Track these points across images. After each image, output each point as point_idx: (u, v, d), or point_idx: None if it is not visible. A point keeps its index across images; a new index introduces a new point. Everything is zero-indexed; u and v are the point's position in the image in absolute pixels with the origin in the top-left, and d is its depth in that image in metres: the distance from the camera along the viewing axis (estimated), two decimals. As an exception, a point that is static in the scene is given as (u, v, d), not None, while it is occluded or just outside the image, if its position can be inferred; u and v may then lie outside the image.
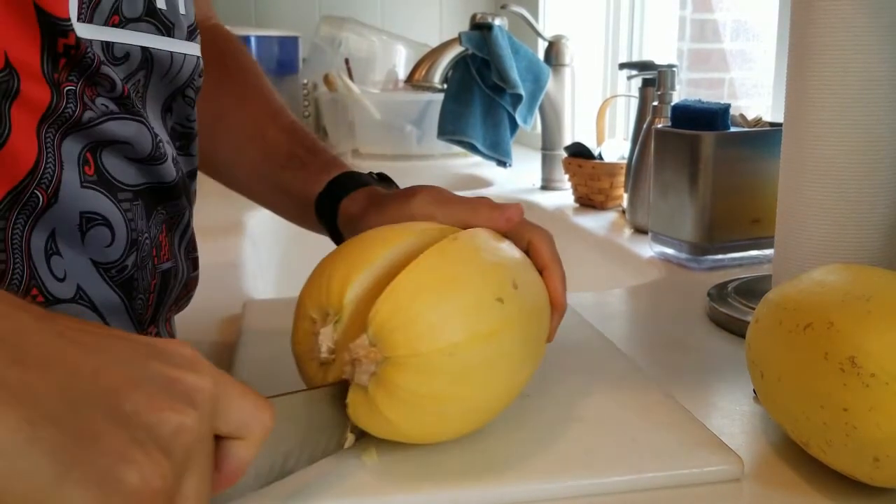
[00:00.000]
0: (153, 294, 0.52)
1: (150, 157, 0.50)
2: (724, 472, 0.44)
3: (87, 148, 0.46)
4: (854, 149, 0.59)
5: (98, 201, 0.47)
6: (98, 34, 0.45)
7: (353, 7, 1.99)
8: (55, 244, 0.45)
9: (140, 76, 0.50)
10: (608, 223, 1.13)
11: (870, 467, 0.40)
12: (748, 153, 0.86)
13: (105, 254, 0.47)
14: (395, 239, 0.47)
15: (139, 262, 0.50)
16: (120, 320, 0.49)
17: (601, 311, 0.75)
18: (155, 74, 0.51)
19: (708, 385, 0.59)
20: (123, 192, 0.48)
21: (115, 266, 0.48)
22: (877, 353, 0.39)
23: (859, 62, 0.58)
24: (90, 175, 0.46)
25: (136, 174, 0.49)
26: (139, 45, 0.49)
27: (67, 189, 0.45)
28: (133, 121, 0.48)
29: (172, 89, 0.53)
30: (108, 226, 0.47)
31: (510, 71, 1.25)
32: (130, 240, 0.49)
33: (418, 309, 0.41)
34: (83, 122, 0.45)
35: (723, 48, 1.52)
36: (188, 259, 0.58)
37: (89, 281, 0.47)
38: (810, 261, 0.61)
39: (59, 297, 0.45)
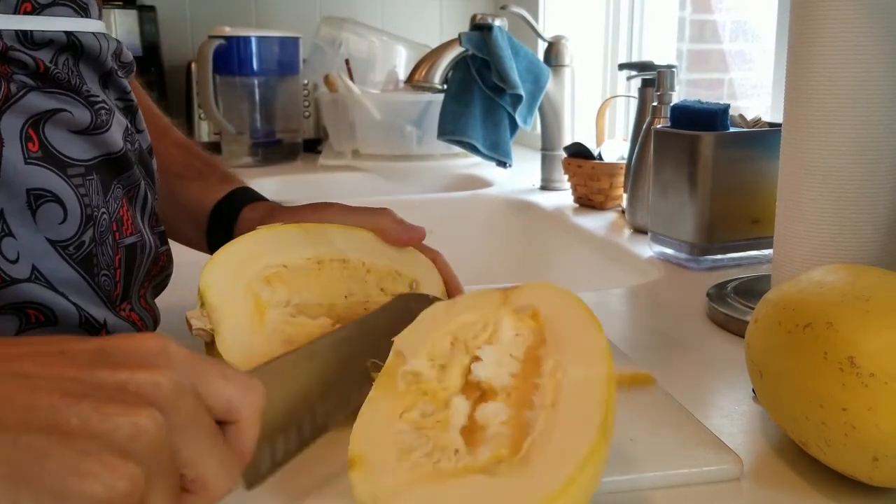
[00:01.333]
0: (119, 270, 0.53)
1: (92, 126, 0.50)
2: (723, 472, 0.44)
3: (29, 124, 0.47)
4: (854, 149, 0.59)
5: (46, 177, 0.47)
6: (8, 24, 0.47)
7: (354, 8, 1.99)
8: (7, 225, 0.46)
9: (67, 56, 0.51)
10: (608, 223, 1.13)
11: (869, 467, 0.40)
12: (747, 153, 0.86)
13: (59, 231, 0.48)
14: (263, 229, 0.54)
15: (98, 237, 0.50)
16: (84, 297, 0.50)
17: (600, 311, 0.75)
18: (85, 56, 0.52)
19: (707, 385, 0.59)
20: (73, 168, 0.49)
21: (71, 243, 0.49)
22: (876, 353, 0.39)
23: (858, 62, 0.58)
24: (34, 151, 0.47)
25: (84, 147, 0.50)
26: (61, 30, 0.50)
27: (10, 167, 0.46)
28: (57, 94, 0.49)
29: (104, 70, 0.54)
30: (58, 202, 0.48)
31: (510, 71, 1.25)
32: (85, 215, 0.49)
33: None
34: (11, 95, 0.46)
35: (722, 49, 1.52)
36: (154, 233, 0.58)
37: (46, 259, 0.47)
38: (809, 261, 0.61)
39: (16, 277, 0.46)
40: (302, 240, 0.55)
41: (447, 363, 0.41)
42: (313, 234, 0.56)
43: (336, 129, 1.68)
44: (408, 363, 0.41)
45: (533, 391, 0.38)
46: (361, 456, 0.37)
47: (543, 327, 0.41)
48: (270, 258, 0.53)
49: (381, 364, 0.42)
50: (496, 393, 0.39)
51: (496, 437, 0.37)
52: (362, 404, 0.40)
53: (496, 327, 0.42)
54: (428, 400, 0.39)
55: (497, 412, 0.38)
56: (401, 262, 0.58)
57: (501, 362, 0.40)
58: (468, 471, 0.35)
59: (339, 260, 0.56)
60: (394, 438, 0.38)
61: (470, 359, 0.41)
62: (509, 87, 1.25)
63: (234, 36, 1.64)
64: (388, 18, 2.05)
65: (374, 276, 0.57)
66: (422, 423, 0.38)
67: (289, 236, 0.55)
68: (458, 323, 0.43)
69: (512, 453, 0.36)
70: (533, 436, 0.36)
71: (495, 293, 0.44)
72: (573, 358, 0.39)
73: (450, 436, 0.37)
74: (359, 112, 1.61)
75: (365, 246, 0.57)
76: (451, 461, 0.36)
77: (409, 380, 0.41)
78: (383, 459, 0.37)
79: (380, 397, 0.40)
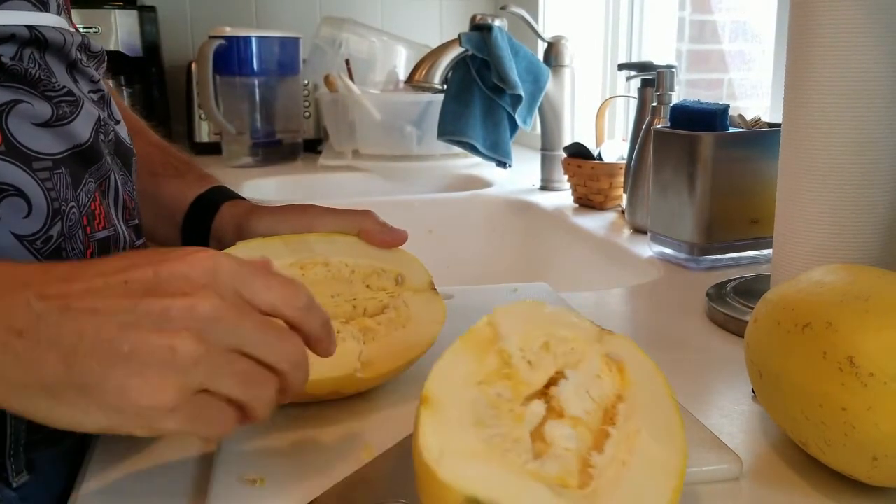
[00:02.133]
0: None
1: (54, 118, 0.50)
2: (722, 472, 0.44)
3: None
4: (853, 149, 0.59)
5: (9, 172, 0.47)
6: None
7: (354, 8, 1.99)
8: None
9: (32, 50, 0.51)
10: (607, 223, 1.13)
11: (868, 467, 0.41)
12: (747, 154, 0.86)
13: (24, 225, 0.48)
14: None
15: (66, 231, 0.50)
16: None
17: (600, 311, 0.75)
18: (51, 48, 0.52)
19: (707, 384, 0.59)
20: (40, 161, 0.49)
21: (37, 237, 0.49)
22: (875, 352, 0.39)
23: (858, 62, 0.58)
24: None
25: (52, 141, 0.50)
26: (20, 23, 0.50)
27: None
28: (13, 87, 0.49)
29: (69, 60, 0.54)
30: (22, 196, 0.48)
31: (510, 72, 1.25)
32: (52, 209, 0.49)
33: None
34: None
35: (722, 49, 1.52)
36: (129, 226, 0.58)
37: (13, 254, 0.48)
38: (809, 261, 0.61)
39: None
40: (282, 250, 0.56)
41: (535, 363, 0.40)
42: (293, 245, 0.57)
43: (336, 129, 1.68)
44: (505, 340, 0.40)
45: (602, 438, 0.38)
46: (437, 400, 0.36)
47: (626, 386, 0.41)
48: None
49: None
50: (562, 417, 0.38)
51: (562, 460, 0.36)
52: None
53: (583, 359, 0.41)
54: (509, 386, 0.39)
55: (568, 437, 0.37)
56: (383, 258, 0.58)
57: (579, 393, 0.40)
58: (534, 476, 0.35)
59: (321, 263, 0.56)
60: (470, 401, 0.37)
61: (555, 371, 0.40)
62: (509, 88, 1.25)
63: (235, 36, 1.64)
64: (388, 18, 2.05)
65: (359, 276, 0.57)
66: (498, 403, 0.38)
67: (269, 248, 0.56)
68: (555, 331, 0.42)
69: (577, 485, 0.35)
70: (600, 481, 0.35)
71: (593, 327, 0.44)
72: (652, 433, 0.38)
73: (523, 432, 0.37)
74: (359, 112, 1.61)
75: (346, 249, 0.58)
76: (520, 457, 0.35)
77: (501, 356, 0.40)
78: (457, 415, 0.36)
79: (463, 353, 0.39)
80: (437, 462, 0.33)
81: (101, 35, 1.72)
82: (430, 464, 0.33)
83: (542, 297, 0.73)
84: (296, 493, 0.41)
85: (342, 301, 0.56)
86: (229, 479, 0.42)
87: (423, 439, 0.34)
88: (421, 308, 0.57)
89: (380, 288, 0.57)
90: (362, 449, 0.45)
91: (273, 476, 0.43)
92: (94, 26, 1.71)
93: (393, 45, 1.80)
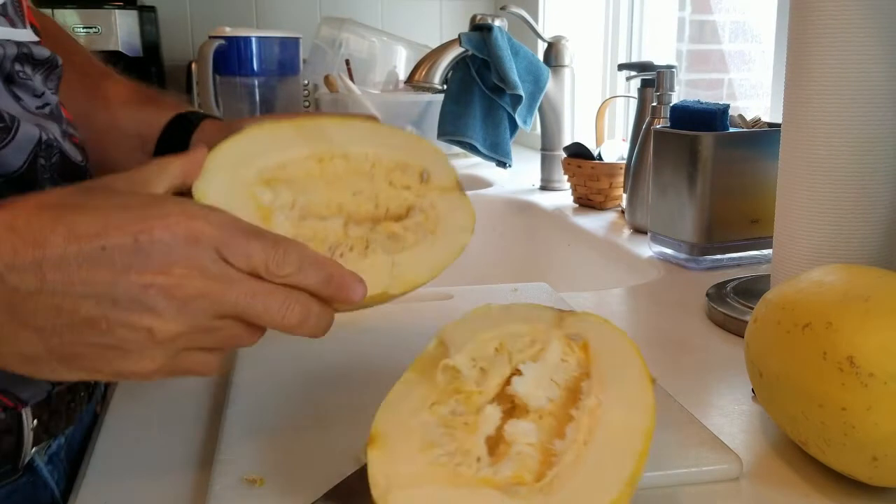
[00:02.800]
0: None
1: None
2: (722, 472, 0.44)
3: None
4: (853, 149, 0.59)
5: None
6: None
7: (354, 8, 1.99)
8: None
9: None
10: (607, 223, 1.13)
11: (868, 466, 0.41)
12: (747, 154, 0.86)
13: None
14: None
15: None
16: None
17: (600, 311, 0.75)
18: None
19: (707, 384, 0.59)
20: None
21: None
22: (875, 352, 0.39)
23: (858, 63, 0.58)
24: None
25: None
26: None
27: None
28: None
29: (2, 76, 0.50)
30: None
31: (510, 72, 1.25)
32: None
33: None
34: None
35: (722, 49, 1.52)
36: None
37: None
38: (809, 261, 0.61)
39: None
40: (296, 137, 0.50)
41: (488, 368, 0.40)
42: (307, 130, 0.50)
43: (336, 129, 1.68)
44: (451, 357, 0.41)
45: (567, 422, 0.38)
46: (384, 436, 0.37)
47: (591, 361, 0.41)
48: (265, 159, 0.48)
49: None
50: (528, 412, 0.39)
51: (520, 458, 0.36)
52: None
53: (544, 347, 0.41)
54: (461, 399, 0.39)
55: (527, 432, 0.37)
56: (407, 150, 0.52)
57: (541, 384, 0.40)
58: (486, 483, 0.35)
59: (340, 156, 0.51)
60: (419, 427, 0.37)
61: (511, 370, 0.40)
62: (509, 88, 1.25)
63: (235, 36, 1.64)
64: (388, 19, 2.05)
65: (381, 170, 0.52)
66: (450, 420, 0.38)
67: (281, 134, 0.50)
68: (507, 330, 0.42)
69: (534, 479, 0.35)
70: (559, 468, 0.35)
71: (550, 312, 0.44)
72: (616, 402, 0.38)
73: (475, 442, 0.37)
74: (359, 112, 1.61)
75: (366, 136, 0.52)
76: (471, 468, 0.36)
77: (449, 374, 0.40)
78: (405, 446, 0.36)
79: (413, 381, 0.40)
80: (384, 496, 0.34)
81: (102, 35, 1.72)
82: (377, 500, 0.34)
83: (542, 297, 0.73)
84: (296, 493, 0.41)
85: (364, 200, 0.51)
86: (229, 480, 0.42)
87: (372, 476, 0.35)
88: (449, 211, 0.52)
89: (403, 186, 0.52)
90: (362, 449, 0.45)
91: (273, 476, 0.43)
92: (94, 26, 1.71)
93: (393, 45, 1.80)
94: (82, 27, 1.71)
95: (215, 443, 0.47)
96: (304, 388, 0.54)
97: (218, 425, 0.50)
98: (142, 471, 0.46)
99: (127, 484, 0.45)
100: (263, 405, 0.51)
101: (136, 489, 0.45)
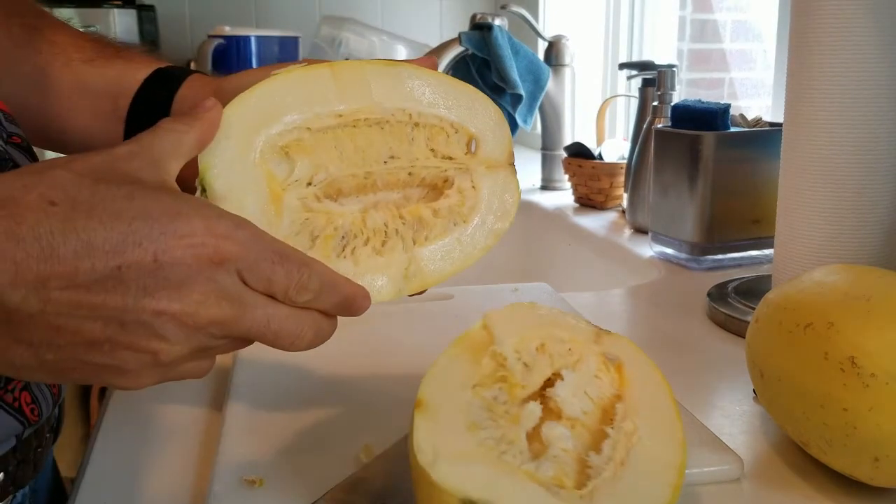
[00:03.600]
0: None
1: None
2: (723, 472, 0.44)
3: None
4: (854, 149, 0.59)
5: None
6: None
7: (353, 7, 1.99)
8: None
9: None
10: (608, 223, 1.13)
11: (869, 467, 0.40)
12: (748, 153, 0.86)
13: None
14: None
15: None
16: None
17: (601, 311, 0.75)
18: None
19: (708, 385, 0.59)
20: None
21: None
22: (877, 353, 0.39)
23: (859, 62, 0.58)
24: None
25: None
26: None
27: None
28: None
29: None
30: None
31: (510, 71, 1.25)
32: None
33: None
34: None
35: (723, 48, 1.52)
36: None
37: None
38: (810, 261, 0.61)
39: None
40: (331, 88, 0.43)
41: (531, 365, 0.40)
42: (346, 79, 0.43)
43: (336, 128, 1.68)
44: (500, 344, 0.40)
45: (599, 438, 0.38)
46: (432, 404, 0.36)
47: (625, 385, 0.41)
48: (291, 116, 0.42)
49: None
50: (560, 418, 0.39)
51: (559, 461, 0.36)
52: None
53: (581, 359, 0.41)
54: (505, 389, 0.39)
55: (563, 437, 0.37)
56: (459, 109, 0.45)
57: (577, 394, 0.40)
58: (529, 478, 0.35)
59: (375, 122, 0.44)
60: (464, 404, 0.37)
61: (552, 373, 0.40)
62: (509, 87, 1.25)
63: (234, 35, 1.64)
64: (388, 18, 2.05)
65: (423, 132, 0.45)
66: (493, 406, 0.38)
67: (314, 83, 0.43)
68: (551, 333, 0.42)
69: (573, 485, 0.35)
70: (597, 481, 0.35)
71: (590, 327, 0.43)
72: (650, 431, 0.38)
73: (518, 434, 0.37)
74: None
75: (413, 90, 0.45)
76: (515, 459, 0.36)
77: (496, 360, 0.40)
78: (451, 419, 0.36)
79: (458, 357, 0.39)
80: (432, 465, 0.33)
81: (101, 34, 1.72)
82: (425, 467, 0.33)
83: (543, 297, 0.72)
84: (295, 494, 0.41)
85: (396, 168, 0.44)
86: (229, 480, 0.42)
87: (418, 443, 0.34)
88: (490, 194, 0.46)
89: (446, 155, 0.45)
90: (362, 449, 0.45)
91: (273, 476, 0.43)
92: (92, 25, 1.71)
93: (393, 45, 1.80)
94: (81, 26, 1.70)
95: (215, 443, 0.47)
96: (305, 388, 0.54)
97: (218, 425, 0.50)
98: (141, 471, 0.46)
99: (126, 484, 0.45)
100: (263, 405, 0.51)
101: (136, 489, 0.44)
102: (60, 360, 0.33)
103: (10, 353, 0.33)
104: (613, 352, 0.42)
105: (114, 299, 0.32)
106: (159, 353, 0.34)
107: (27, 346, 0.32)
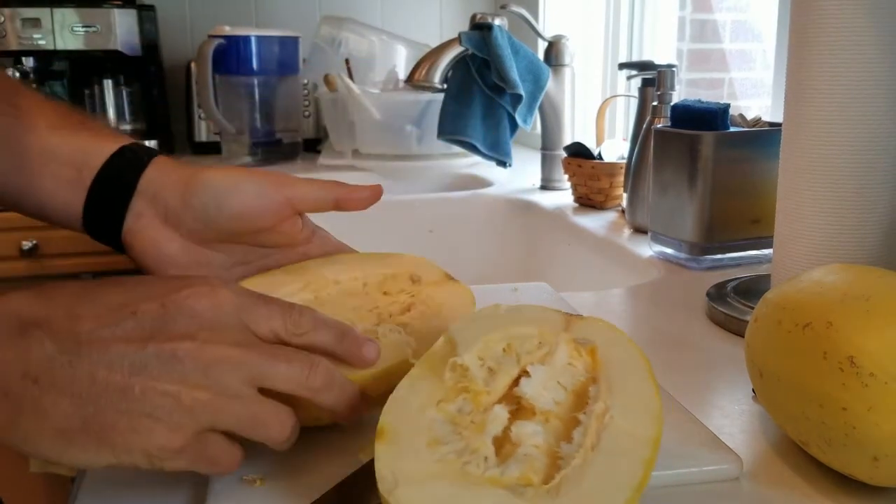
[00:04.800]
0: None
1: None
2: (723, 472, 0.44)
3: None
4: (853, 148, 0.59)
5: None
6: None
7: (353, 7, 1.99)
8: None
9: None
10: (608, 223, 1.13)
11: (869, 467, 0.40)
12: (748, 153, 0.86)
13: None
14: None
15: None
16: None
17: (601, 311, 0.75)
18: None
19: (707, 384, 0.59)
20: None
21: None
22: (876, 352, 0.39)
23: (859, 62, 0.58)
24: None
25: None
26: None
27: None
28: None
29: None
30: None
31: (510, 71, 1.25)
32: None
33: None
34: None
35: (722, 48, 1.52)
36: None
37: None
38: (809, 261, 0.61)
39: None
40: (285, 278, 0.54)
41: (496, 368, 0.40)
42: (294, 271, 0.55)
43: (336, 128, 1.68)
44: (460, 355, 0.41)
45: (574, 426, 0.38)
46: (392, 430, 0.37)
47: (598, 366, 0.41)
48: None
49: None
50: (534, 414, 0.39)
51: (527, 459, 0.36)
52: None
53: (551, 350, 0.41)
54: (469, 398, 0.39)
55: (534, 434, 0.37)
56: (389, 265, 0.56)
57: (548, 386, 0.40)
58: (493, 483, 0.35)
59: (332, 282, 0.54)
60: (426, 424, 0.37)
61: (519, 371, 0.40)
62: (509, 87, 1.25)
63: (234, 35, 1.64)
64: (387, 18, 2.05)
65: (373, 286, 0.55)
66: (457, 418, 0.38)
67: (271, 279, 0.54)
68: (515, 331, 0.42)
69: (541, 481, 0.35)
70: (566, 471, 0.35)
71: (559, 315, 0.44)
72: (623, 408, 0.38)
73: (483, 441, 0.37)
74: (359, 112, 1.61)
75: (352, 265, 0.56)
76: (478, 467, 0.36)
77: (457, 372, 0.40)
78: (412, 442, 0.36)
79: (421, 378, 0.40)
80: (391, 492, 0.34)
81: (100, 34, 1.71)
82: (385, 494, 0.34)
83: (543, 296, 0.73)
84: (295, 494, 0.41)
85: (364, 311, 0.53)
86: (229, 479, 0.42)
87: (379, 471, 0.35)
88: (447, 297, 0.53)
89: (398, 291, 0.55)
90: (361, 449, 0.45)
91: (272, 476, 0.43)
92: (92, 25, 1.71)
93: (393, 45, 1.80)
94: (81, 26, 1.71)
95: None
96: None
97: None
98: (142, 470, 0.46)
99: (126, 484, 0.45)
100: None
101: (136, 489, 0.44)
102: (99, 413, 0.37)
103: (57, 412, 0.36)
104: (584, 335, 0.42)
105: (133, 342, 0.37)
106: (181, 394, 0.37)
107: (70, 397, 0.36)
